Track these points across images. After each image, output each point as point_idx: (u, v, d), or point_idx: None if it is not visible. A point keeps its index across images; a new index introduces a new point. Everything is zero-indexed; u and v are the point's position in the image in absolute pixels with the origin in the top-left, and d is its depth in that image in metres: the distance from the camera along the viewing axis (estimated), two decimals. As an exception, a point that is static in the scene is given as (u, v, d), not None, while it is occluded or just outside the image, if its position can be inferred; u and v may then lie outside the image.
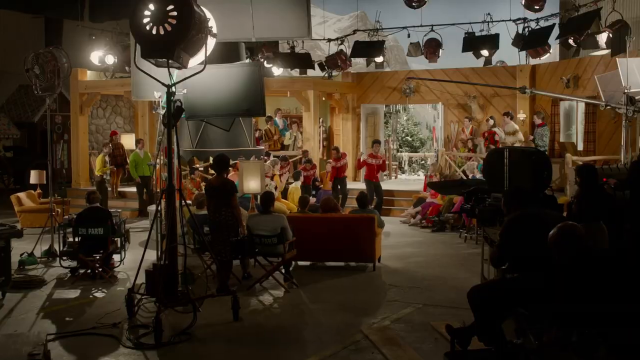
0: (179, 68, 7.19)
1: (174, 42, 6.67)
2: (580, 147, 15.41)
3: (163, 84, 7.08)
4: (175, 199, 7.25)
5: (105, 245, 9.52)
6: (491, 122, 15.84)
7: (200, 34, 6.90)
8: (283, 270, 9.16)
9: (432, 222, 13.87)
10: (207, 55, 7.16)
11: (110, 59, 17.34)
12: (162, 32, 6.64)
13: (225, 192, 8.48)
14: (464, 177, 15.19)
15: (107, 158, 16.24)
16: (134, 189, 16.91)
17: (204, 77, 7.65)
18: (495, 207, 7.41)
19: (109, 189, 16.51)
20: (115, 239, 9.91)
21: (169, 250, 7.21)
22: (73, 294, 8.90)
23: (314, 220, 10.22)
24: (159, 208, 7.70)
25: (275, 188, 13.08)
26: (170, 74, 6.95)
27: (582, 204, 6.93)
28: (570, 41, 14.69)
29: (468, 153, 15.94)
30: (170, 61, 6.85)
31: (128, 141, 19.14)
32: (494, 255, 5.91)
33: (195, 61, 7.22)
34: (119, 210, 10.37)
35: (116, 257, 10.14)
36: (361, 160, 15.66)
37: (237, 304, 7.49)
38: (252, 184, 10.39)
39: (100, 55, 17.41)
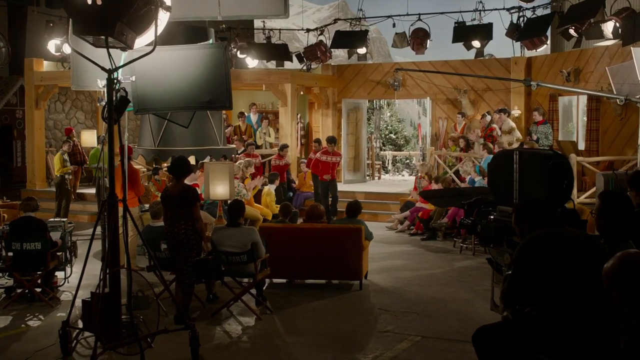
0: (123, 49, 5.80)
1: (114, 15, 5.25)
2: (581, 146, 14.18)
3: (103, 68, 5.66)
4: (119, 212, 5.83)
5: (45, 261, 8.05)
6: (488, 118, 14.52)
7: (149, 5, 5.49)
8: (255, 292, 7.80)
9: (422, 229, 12.55)
10: (159, 33, 5.75)
11: (68, 48, 15.77)
12: (99, 1, 5.22)
13: (185, 202, 7.07)
14: (456, 179, 13.90)
15: (66, 157, 14.66)
16: (94, 191, 15.38)
17: (156, 61, 6.26)
18: (502, 223, 6.05)
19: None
20: (59, 253, 8.47)
21: (111, 276, 5.79)
22: (2, 322, 7.42)
23: (291, 232, 8.84)
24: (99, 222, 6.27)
25: (245, 184, 11.61)
26: (110, 55, 5.52)
27: (610, 220, 5.58)
28: (572, 31, 13.53)
29: (459, 152, 14.62)
30: (111, 40, 5.44)
31: (90, 138, 17.58)
32: (507, 290, 4.51)
33: (143, 41, 5.81)
34: (64, 220, 8.90)
35: (61, 274, 8.72)
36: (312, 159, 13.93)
37: (196, 340, 6.09)
38: (219, 189, 8.97)
39: (57, 44, 15.84)
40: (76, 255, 9.02)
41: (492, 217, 6.32)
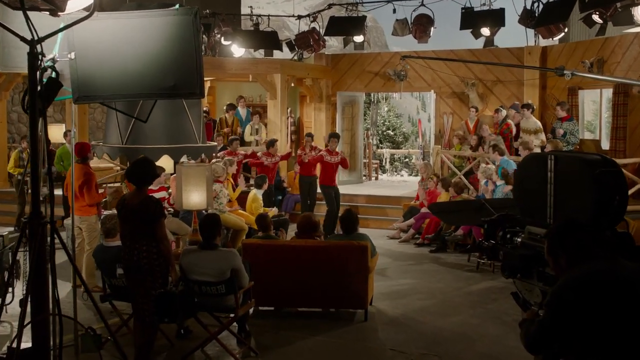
0: (53, 13, 4.22)
1: (33, -37, 3.69)
2: (605, 145, 12.71)
3: (23, 39, 4.09)
4: (46, 235, 4.25)
5: (-25, 287, 6.48)
6: (503, 113, 12.95)
7: (85, -49, 3.92)
8: (236, 327, 6.27)
9: (430, 240, 11.04)
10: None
11: (32, 32, 14.11)
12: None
13: (147, 217, 5.51)
14: (466, 182, 12.39)
15: (24, 154, 13.03)
16: (59, 192, 13.78)
17: (102, 33, 4.68)
18: (532, 249, 4.52)
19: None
20: (-5, 276, 6.91)
21: (37, 325, 4.22)
22: None
23: (280, 249, 7.28)
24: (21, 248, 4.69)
25: (229, 200, 9.99)
26: (29, 21, 3.95)
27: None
28: (595, 17, 12.10)
29: (468, 152, 13.08)
30: (31, -1, 3.88)
31: (58, 133, 15.91)
32: (534, 337, 3.26)
33: (81, 3, 4.25)
34: (2, 234, 7.32)
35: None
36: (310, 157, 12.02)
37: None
38: (194, 197, 7.42)
39: (20, 28, 14.17)
40: (19, 278, 7.43)
41: (519, 240, 4.77)
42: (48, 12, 4.20)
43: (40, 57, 4.08)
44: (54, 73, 4.28)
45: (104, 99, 4.96)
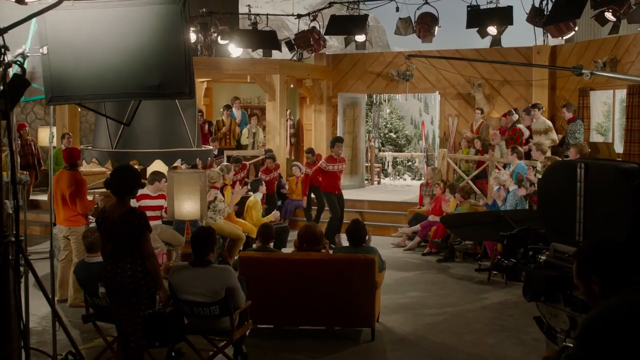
0: (19, 0, 3.67)
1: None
2: (619, 149, 12.17)
3: (-17, 30, 3.54)
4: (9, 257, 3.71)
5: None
6: (515, 116, 12.38)
7: None
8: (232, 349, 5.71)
9: (437, 248, 10.49)
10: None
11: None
12: None
13: (130, 231, 4.96)
14: (474, 187, 11.85)
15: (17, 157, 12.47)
16: (43, 197, 13.25)
17: (79, 24, 4.14)
18: (558, 270, 3.97)
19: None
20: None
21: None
22: None
23: (279, 263, 6.72)
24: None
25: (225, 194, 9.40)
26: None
27: None
28: (608, 14, 11.59)
29: (476, 156, 12.54)
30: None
31: (47, 136, 15.36)
32: None
33: (51, -11, 3.72)
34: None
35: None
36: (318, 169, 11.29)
37: None
38: (187, 206, 6.85)
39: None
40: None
41: (542, 257, 4.19)
42: (14, 0, 3.66)
43: (3, 50, 3.54)
44: (20, 70, 3.73)
45: (81, 100, 4.41)
